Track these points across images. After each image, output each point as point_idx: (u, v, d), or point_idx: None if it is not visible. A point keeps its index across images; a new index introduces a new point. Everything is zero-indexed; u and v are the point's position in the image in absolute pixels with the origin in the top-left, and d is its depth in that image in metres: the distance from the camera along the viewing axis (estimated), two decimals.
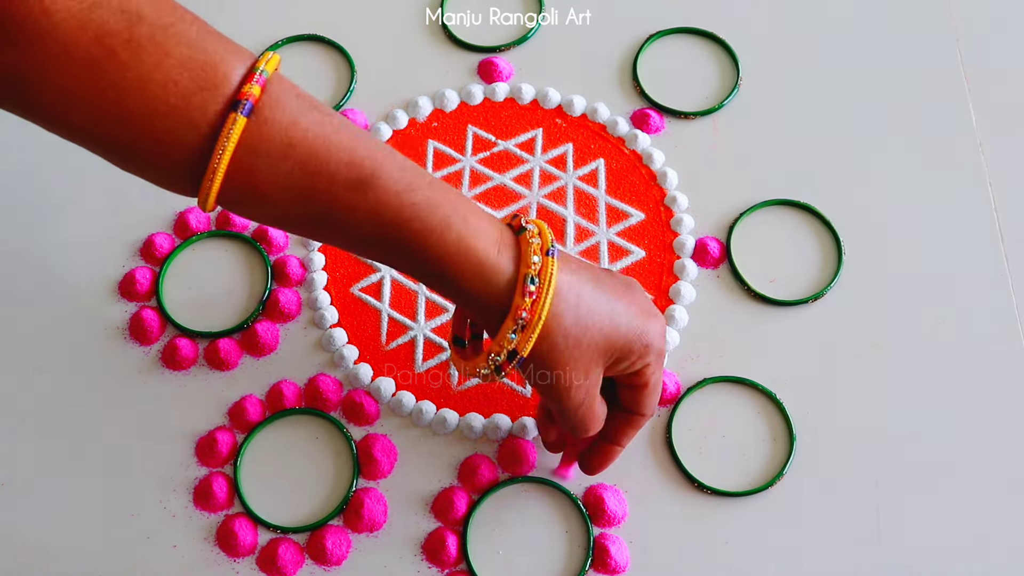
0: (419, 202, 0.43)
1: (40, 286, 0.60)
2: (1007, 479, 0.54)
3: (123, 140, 0.41)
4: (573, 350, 0.45)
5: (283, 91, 0.42)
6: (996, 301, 0.59)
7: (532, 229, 0.45)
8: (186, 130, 0.40)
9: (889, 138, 0.64)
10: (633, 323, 0.46)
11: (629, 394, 0.49)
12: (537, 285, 0.43)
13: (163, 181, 0.43)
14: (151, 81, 0.40)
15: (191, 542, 0.53)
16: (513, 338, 0.43)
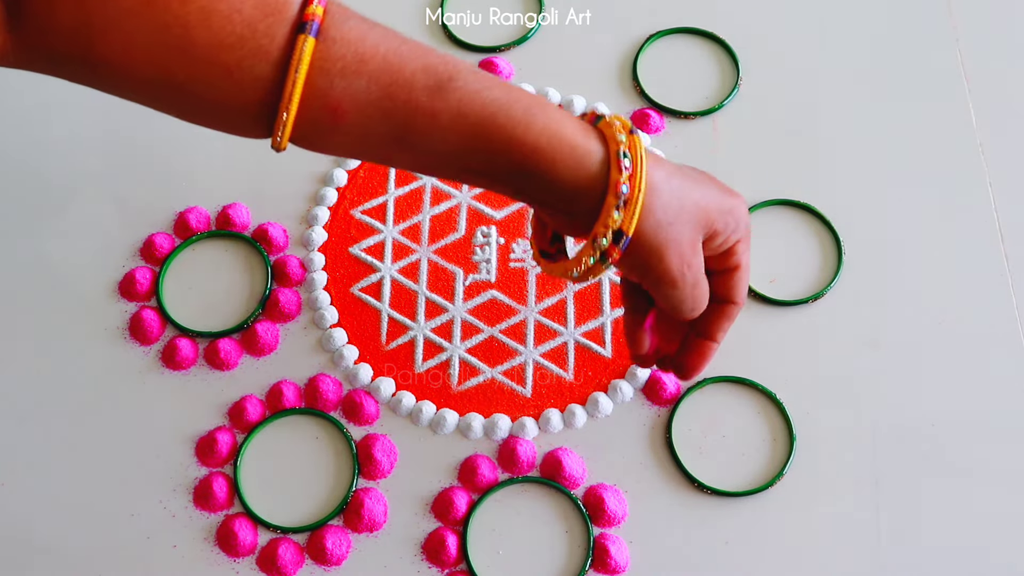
0: (500, 97, 0.42)
1: (40, 286, 0.60)
2: (1007, 479, 0.54)
3: (192, 80, 0.40)
4: (675, 224, 0.43)
5: (344, 11, 0.42)
6: (996, 301, 0.59)
7: (609, 115, 0.44)
8: (256, 59, 0.40)
9: (889, 138, 0.64)
10: (721, 196, 0.46)
11: (721, 280, 0.48)
12: (631, 159, 0.42)
13: (235, 123, 0.43)
14: (215, 12, 0.39)
15: (191, 542, 0.53)
16: (617, 216, 0.42)
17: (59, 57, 0.41)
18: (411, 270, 0.61)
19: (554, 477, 0.54)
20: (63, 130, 0.66)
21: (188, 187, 0.63)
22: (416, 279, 0.60)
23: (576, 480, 0.54)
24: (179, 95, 0.41)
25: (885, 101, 0.66)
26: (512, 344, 0.58)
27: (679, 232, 0.44)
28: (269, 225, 0.62)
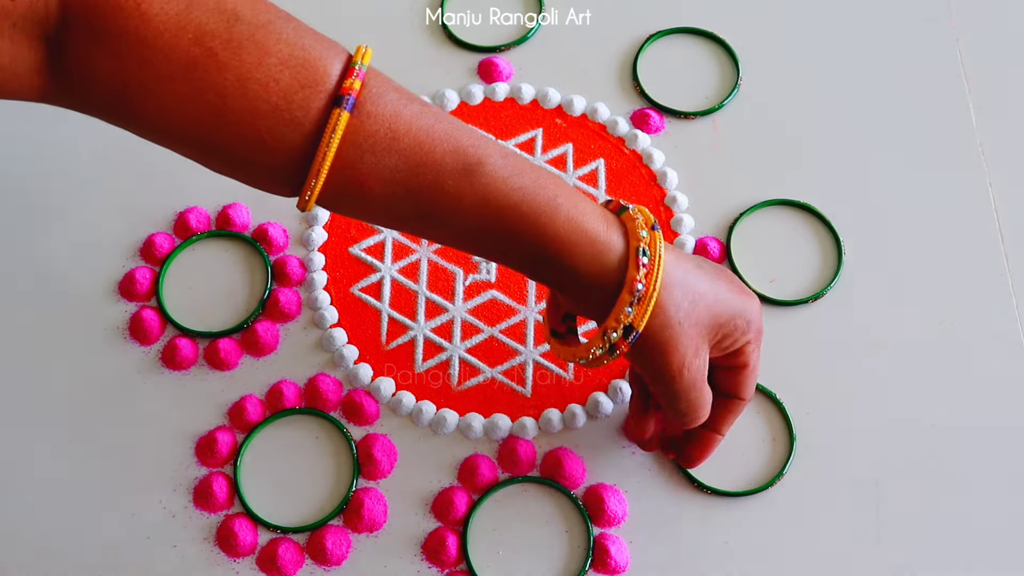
0: (526, 185, 0.43)
1: (40, 286, 0.60)
2: (1007, 479, 0.54)
3: (225, 142, 0.41)
4: (684, 324, 0.44)
5: (381, 84, 0.42)
6: (996, 301, 0.59)
7: (632, 208, 0.45)
8: (289, 128, 0.40)
9: (889, 138, 0.64)
10: (734, 299, 0.46)
11: (729, 377, 0.49)
12: (649, 257, 0.43)
13: (263, 182, 0.43)
14: (252, 80, 0.39)
15: (191, 542, 0.53)
16: (630, 312, 0.43)
17: (94, 105, 0.41)
18: (411, 270, 0.61)
19: (554, 477, 0.54)
20: (63, 130, 0.66)
21: (188, 187, 0.63)
22: (416, 279, 0.60)
23: (576, 480, 0.54)
24: (211, 154, 0.42)
25: (885, 101, 0.66)
26: (512, 344, 0.58)
27: (686, 333, 0.44)
28: (269, 225, 0.62)
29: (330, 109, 0.40)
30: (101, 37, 0.39)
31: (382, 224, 0.46)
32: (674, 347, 0.45)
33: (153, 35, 0.39)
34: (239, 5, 0.40)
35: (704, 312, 0.45)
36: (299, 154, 0.41)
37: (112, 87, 0.40)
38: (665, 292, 0.44)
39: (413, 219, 0.44)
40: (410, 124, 0.42)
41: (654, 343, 0.44)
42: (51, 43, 0.40)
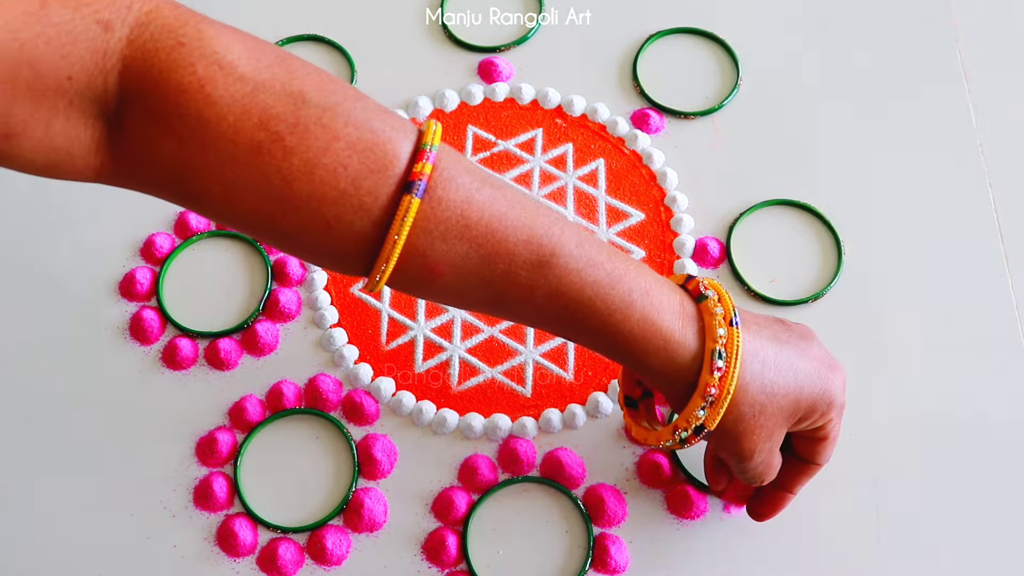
0: (601, 279, 0.42)
1: (40, 286, 0.60)
2: (1007, 479, 0.54)
3: (290, 227, 0.39)
4: (759, 417, 0.43)
5: (453, 166, 0.41)
6: (996, 301, 0.59)
7: (712, 296, 0.43)
8: (356, 215, 0.39)
9: (889, 138, 0.64)
10: (817, 382, 0.44)
11: (806, 445, 0.48)
12: (725, 359, 0.42)
13: (329, 265, 0.42)
14: (319, 166, 0.38)
15: (191, 542, 0.53)
16: (701, 414, 0.42)
17: (155, 186, 0.40)
18: None
19: (554, 477, 0.54)
20: None
21: None
22: None
23: (576, 480, 0.54)
24: (275, 237, 0.41)
25: (885, 101, 0.66)
26: (512, 344, 0.58)
27: (761, 426, 0.44)
28: None
29: (400, 195, 0.39)
30: (163, 118, 0.37)
31: (452, 305, 0.45)
32: (746, 437, 0.44)
33: (217, 118, 0.37)
34: (306, 87, 0.38)
35: (782, 402, 0.44)
36: (368, 240, 0.40)
37: (173, 169, 0.38)
38: (740, 393, 0.42)
39: (484, 304, 0.43)
40: (482, 211, 0.40)
41: (727, 433, 0.44)
42: (110, 122, 0.38)
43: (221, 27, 0.39)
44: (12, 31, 0.35)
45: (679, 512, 0.53)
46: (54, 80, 0.36)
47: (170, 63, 0.37)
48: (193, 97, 0.37)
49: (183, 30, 0.38)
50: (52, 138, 0.37)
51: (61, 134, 0.37)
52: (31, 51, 0.35)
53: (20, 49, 0.35)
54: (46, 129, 0.37)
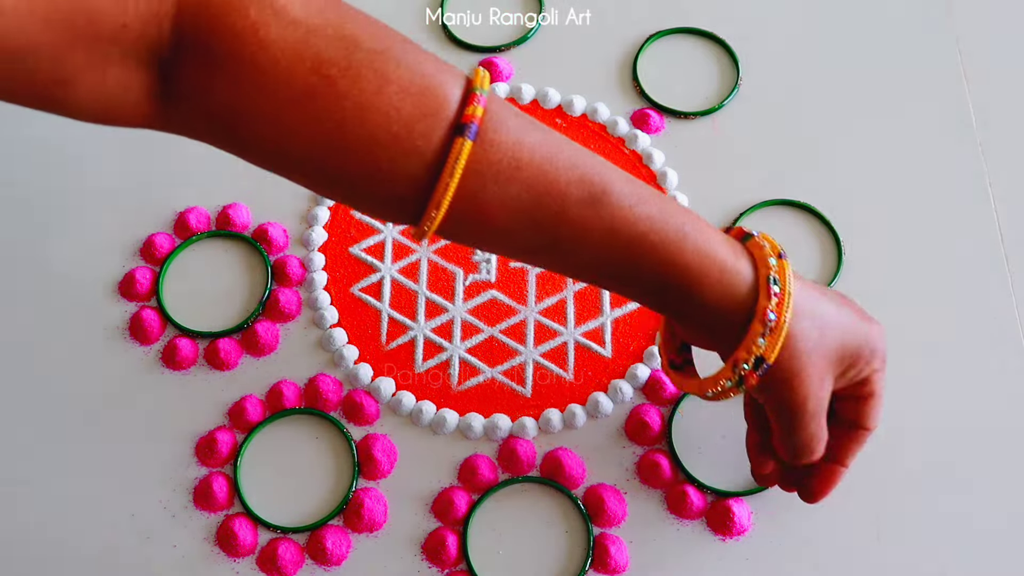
0: (653, 214, 0.42)
1: (40, 286, 0.60)
2: (1007, 479, 0.54)
3: (342, 173, 0.39)
4: (812, 354, 0.43)
5: (502, 110, 0.41)
6: (996, 301, 0.59)
7: (757, 235, 0.44)
8: (409, 158, 0.39)
9: (889, 138, 0.64)
10: (860, 327, 0.45)
11: (853, 406, 0.47)
12: (780, 286, 0.42)
13: (380, 211, 0.42)
14: (372, 109, 0.38)
15: (191, 542, 0.53)
16: (762, 343, 0.42)
17: (206, 131, 0.40)
18: (411, 270, 0.61)
19: (554, 477, 0.54)
20: (63, 130, 0.66)
21: (188, 187, 0.63)
22: (416, 279, 0.60)
23: (576, 480, 0.54)
24: (326, 182, 0.41)
25: (885, 101, 0.66)
26: (512, 344, 0.58)
27: (814, 363, 0.43)
28: (269, 225, 0.62)
29: (452, 138, 0.39)
30: (216, 63, 0.37)
31: (502, 254, 0.44)
32: (802, 378, 0.43)
33: (270, 62, 0.37)
34: (358, 31, 0.38)
35: (832, 342, 0.44)
36: (420, 184, 0.39)
37: (226, 113, 0.38)
38: (795, 322, 0.42)
39: (537, 249, 0.43)
40: (533, 152, 0.40)
41: (782, 374, 0.43)
42: (163, 69, 0.38)
43: None
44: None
45: (679, 512, 0.53)
46: (109, 27, 0.36)
47: (224, 7, 0.37)
48: (247, 41, 0.37)
49: None
50: (106, 85, 0.37)
51: (115, 81, 0.38)
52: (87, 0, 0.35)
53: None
54: (101, 76, 0.37)
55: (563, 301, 0.59)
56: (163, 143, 0.64)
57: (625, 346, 0.58)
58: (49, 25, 0.35)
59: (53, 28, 0.35)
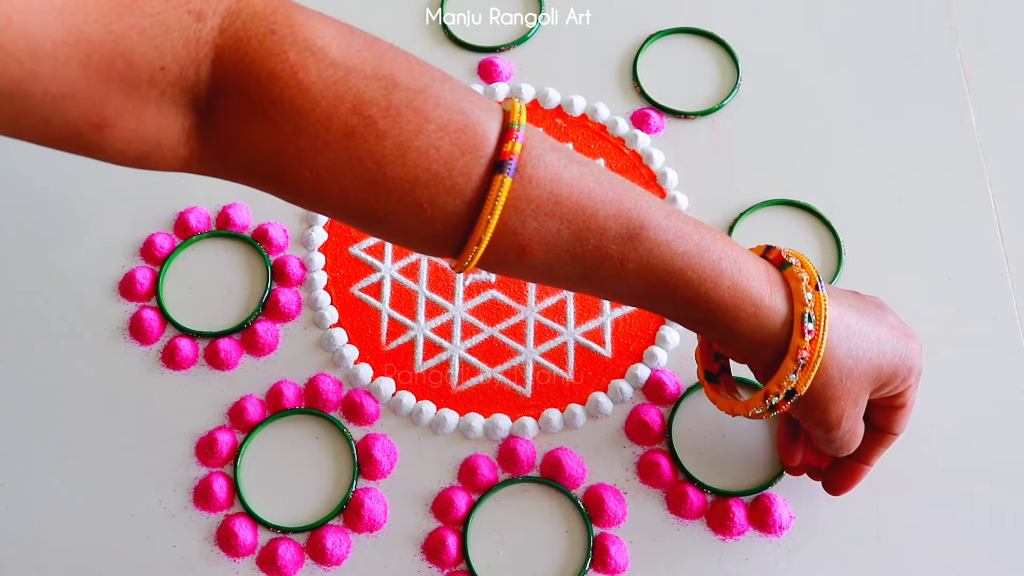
0: (690, 250, 0.42)
1: (40, 286, 0.60)
2: (1007, 479, 0.54)
3: (382, 210, 0.40)
4: (846, 381, 0.44)
5: (540, 144, 0.41)
6: (996, 301, 0.59)
7: (795, 264, 0.44)
8: (449, 196, 0.39)
9: (889, 138, 0.64)
10: (897, 347, 0.45)
11: (883, 414, 0.48)
12: (814, 322, 0.42)
13: (421, 247, 0.42)
14: (412, 148, 0.38)
15: (191, 542, 0.53)
16: (793, 378, 0.43)
17: (245, 174, 0.40)
18: (411, 270, 0.61)
19: (554, 477, 0.54)
20: None
21: (188, 187, 0.63)
22: (416, 279, 0.60)
23: (576, 480, 0.54)
24: (367, 221, 0.41)
25: (885, 101, 0.66)
26: (512, 344, 0.58)
27: (848, 390, 0.44)
28: (269, 225, 0.62)
29: (491, 175, 0.39)
30: (256, 106, 0.37)
31: (538, 282, 0.45)
32: (835, 403, 0.44)
33: (310, 104, 0.37)
34: (396, 70, 0.39)
35: (868, 365, 0.44)
36: (460, 221, 0.40)
37: (266, 156, 0.38)
38: (828, 355, 0.43)
39: (573, 280, 0.43)
40: (572, 187, 0.41)
41: (815, 400, 0.44)
42: (200, 112, 0.38)
43: (311, 13, 0.39)
44: (106, 23, 0.35)
45: (679, 512, 0.53)
46: (147, 71, 0.36)
47: (263, 51, 0.37)
48: (286, 84, 0.37)
49: (274, 17, 0.38)
50: (144, 128, 0.37)
51: (152, 124, 0.38)
52: (125, 42, 0.35)
53: (114, 41, 0.35)
54: (138, 120, 0.37)
55: (563, 301, 0.59)
56: None
57: (625, 346, 0.58)
58: (87, 69, 0.35)
59: (91, 72, 0.35)
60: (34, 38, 0.33)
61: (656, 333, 0.58)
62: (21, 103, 0.34)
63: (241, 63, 0.37)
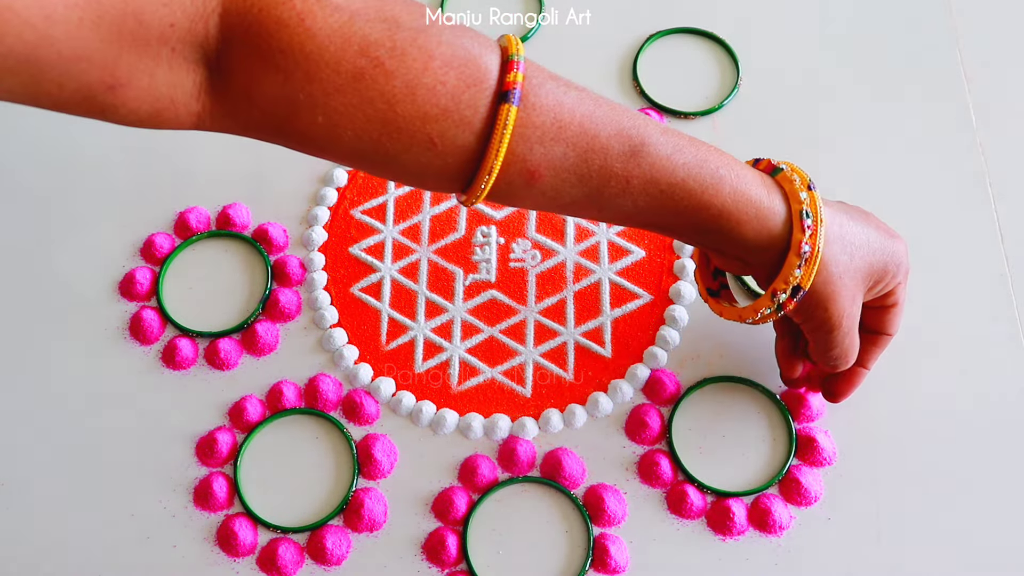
0: (690, 161, 0.44)
1: (40, 286, 0.60)
2: (1007, 479, 0.54)
3: (395, 149, 0.41)
4: (844, 277, 0.46)
5: (539, 73, 0.43)
6: (996, 301, 0.59)
7: (786, 169, 0.46)
8: (459, 129, 0.40)
9: (889, 138, 0.64)
10: (886, 245, 0.48)
11: (876, 316, 0.51)
12: (812, 218, 0.44)
13: (432, 183, 0.43)
14: (420, 86, 0.39)
15: (191, 542, 0.53)
16: (798, 273, 0.44)
17: (259, 126, 0.41)
18: (411, 270, 0.61)
19: (554, 477, 0.54)
20: (63, 131, 0.66)
21: (188, 187, 0.63)
22: (416, 279, 0.60)
23: (576, 480, 0.54)
24: (380, 162, 0.42)
25: (885, 101, 0.66)
26: (512, 344, 0.58)
27: (846, 284, 0.46)
28: (269, 225, 0.62)
29: (497, 105, 0.41)
30: (266, 56, 0.38)
31: (546, 210, 0.46)
32: (836, 299, 0.46)
33: (319, 50, 0.38)
34: (398, 11, 0.40)
35: (861, 263, 0.46)
36: (470, 153, 0.41)
37: (279, 105, 0.39)
38: (827, 249, 0.45)
39: (580, 203, 0.44)
40: (573, 112, 0.42)
41: (817, 298, 0.46)
42: (211, 66, 0.39)
43: None
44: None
45: (679, 512, 0.53)
46: (157, 28, 0.37)
47: (269, 1, 0.38)
48: (294, 31, 0.38)
49: None
50: (156, 86, 0.38)
51: (164, 81, 0.38)
52: (135, 2, 0.36)
53: (124, 1, 0.36)
54: (150, 78, 0.38)
55: (563, 301, 0.59)
56: (163, 143, 0.65)
57: (625, 346, 0.58)
58: (99, 30, 0.35)
59: (103, 32, 0.36)
60: (47, 2, 0.34)
61: (656, 333, 0.58)
62: (37, 68, 0.35)
63: (248, 14, 0.38)
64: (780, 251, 0.45)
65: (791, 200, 0.45)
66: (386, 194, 0.63)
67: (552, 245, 0.61)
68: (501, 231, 0.62)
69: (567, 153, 0.42)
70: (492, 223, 0.62)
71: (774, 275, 0.46)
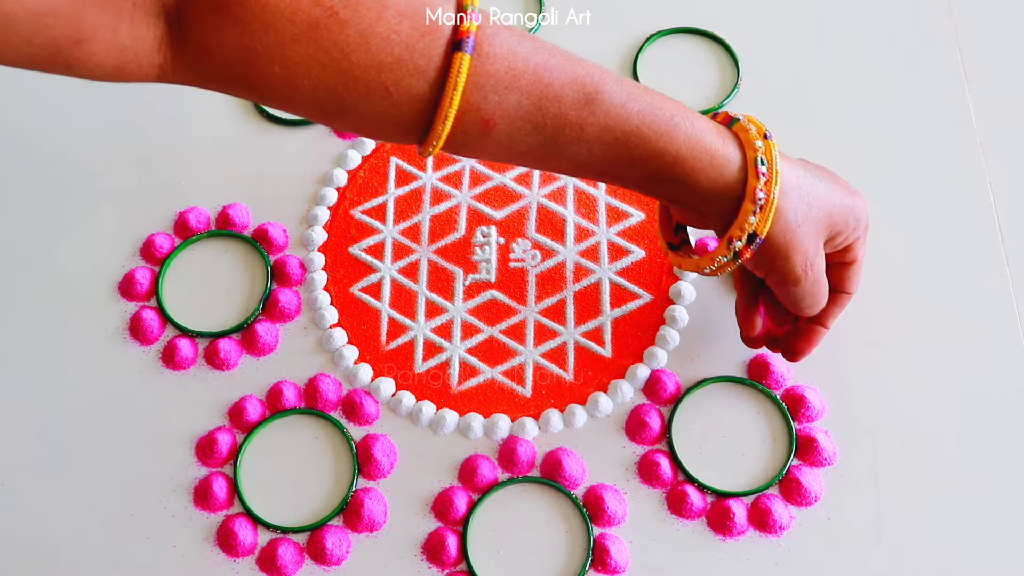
0: (644, 109, 0.44)
1: (40, 286, 0.60)
2: (1007, 479, 0.54)
3: (351, 98, 0.41)
4: (803, 225, 0.46)
5: (493, 24, 0.43)
6: (996, 301, 0.59)
7: (743, 119, 0.46)
8: (412, 78, 0.41)
9: (889, 139, 0.64)
10: (845, 198, 0.48)
11: (836, 272, 0.51)
12: (767, 166, 0.44)
13: (388, 133, 0.44)
14: (374, 35, 0.40)
15: (191, 542, 0.53)
16: (753, 220, 0.45)
17: (217, 77, 0.42)
18: (411, 270, 0.61)
19: (554, 477, 0.54)
20: (63, 131, 0.66)
21: (188, 187, 0.63)
22: (416, 279, 0.60)
23: (576, 480, 0.54)
24: (336, 112, 0.43)
25: (885, 101, 0.66)
26: (512, 344, 0.58)
27: (805, 234, 0.46)
28: (269, 225, 0.62)
29: (451, 54, 0.41)
30: (222, 7, 0.39)
31: (503, 161, 0.47)
32: (796, 249, 0.46)
33: (274, 0, 0.39)
34: None
35: (819, 212, 0.46)
36: (425, 102, 0.42)
37: (237, 55, 0.40)
38: (783, 198, 0.45)
39: (536, 152, 0.45)
40: (527, 60, 0.43)
41: (777, 248, 0.46)
42: (171, 19, 0.40)
43: None
44: None
45: (679, 512, 0.53)
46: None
47: None
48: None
49: None
50: (119, 40, 0.39)
51: (127, 35, 0.40)
52: None
53: None
54: (114, 32, 0.39)
55: (563, 301, 0.59)
56: (164, 143, 0.65)
57: (625, 346, 0.58)
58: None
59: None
60: None
61: (656, 333, 0.58)
62: (4, 23, 0.36)
63: None
64: (736, 199, 0.45)
65: (746, 148, 0.45)
66: (386, 194, 0.63)
67: (552, 245, 0.61)
68: (501, 231, 0.62)
69: (521, 101, 0.43)
70: (492, 223, 0.62)
71: (731, 222, 0.46)
